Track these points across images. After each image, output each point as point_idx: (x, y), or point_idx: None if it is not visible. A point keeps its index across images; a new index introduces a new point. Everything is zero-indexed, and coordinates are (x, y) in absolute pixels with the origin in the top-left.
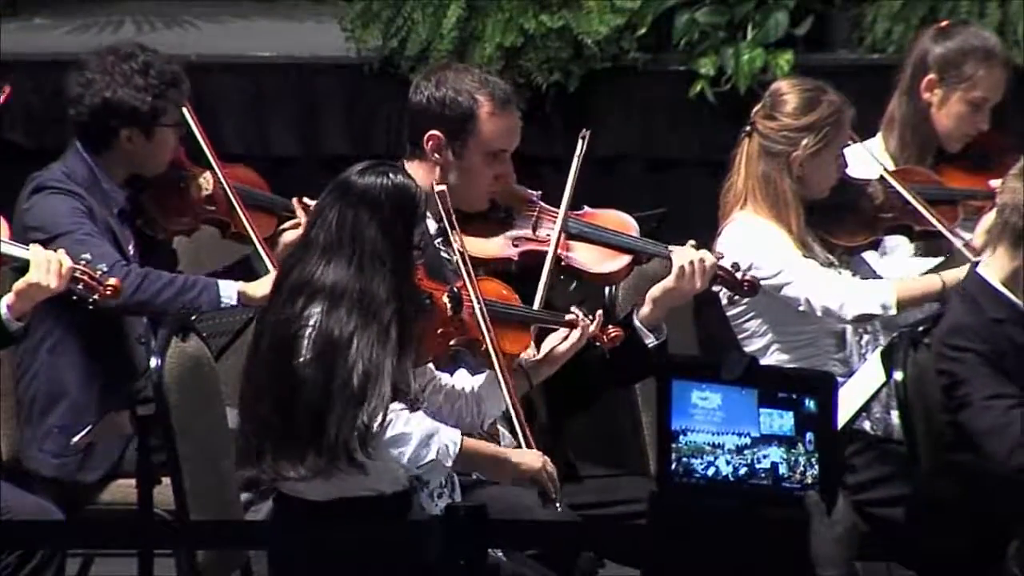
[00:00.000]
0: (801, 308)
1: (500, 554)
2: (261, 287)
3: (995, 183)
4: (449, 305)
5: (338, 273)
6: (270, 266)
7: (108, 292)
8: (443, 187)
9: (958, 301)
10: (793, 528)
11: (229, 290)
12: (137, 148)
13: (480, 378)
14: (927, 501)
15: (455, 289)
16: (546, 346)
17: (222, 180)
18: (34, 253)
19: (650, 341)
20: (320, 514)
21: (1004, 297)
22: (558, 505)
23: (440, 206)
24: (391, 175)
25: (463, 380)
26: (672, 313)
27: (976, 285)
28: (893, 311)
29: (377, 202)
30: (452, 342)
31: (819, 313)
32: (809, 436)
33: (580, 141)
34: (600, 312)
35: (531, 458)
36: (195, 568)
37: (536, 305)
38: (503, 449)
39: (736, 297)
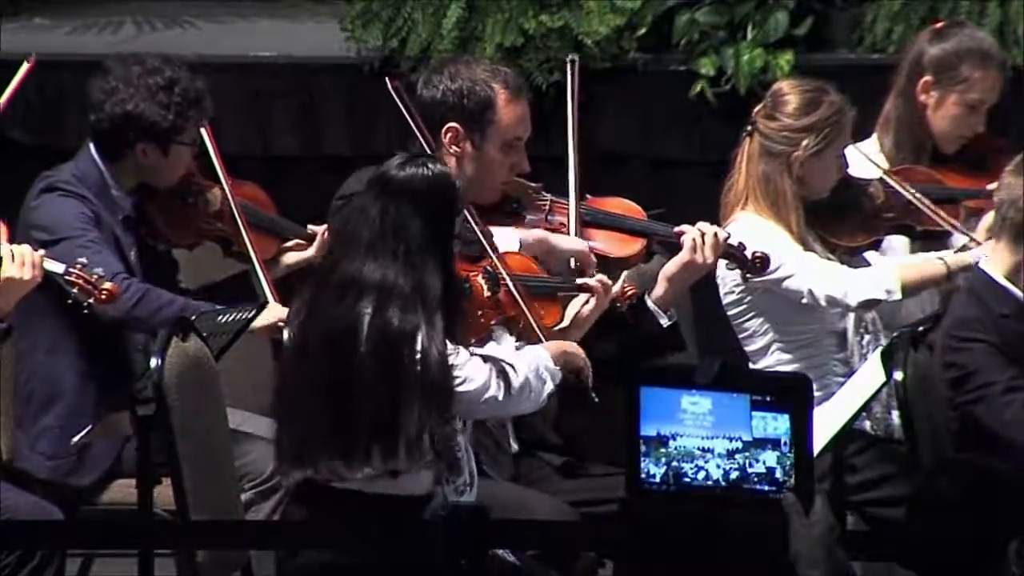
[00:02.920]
0: (804, 301)
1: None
2: (260, 319)
3: (994, 186)
4: (486, 286)
5: (385, 268)
6: (267, 288)
7: (104, 296)
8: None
9: (962, 297)
10: (771, 530)
11: None
12: (151, 162)
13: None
14: (927, 501)
15: (489, 269)
16: (571, 311)
17: (230, 200)
18: (3, 248)
19: (664, 321)
20: (338, 505)
21: (1008, 291)
22: (595, 396)
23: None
24: (430, 165)
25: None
26: None
27: (979, 281)
28: (897, 295)
29: (419, 194)
30: (492, 322)
31: (823, 303)
32: (784, 438)
33: (569, 65)
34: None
35: (573, 347)
36: (195, 568)
37: None
38: (551, 344)
39: (742, 287)
